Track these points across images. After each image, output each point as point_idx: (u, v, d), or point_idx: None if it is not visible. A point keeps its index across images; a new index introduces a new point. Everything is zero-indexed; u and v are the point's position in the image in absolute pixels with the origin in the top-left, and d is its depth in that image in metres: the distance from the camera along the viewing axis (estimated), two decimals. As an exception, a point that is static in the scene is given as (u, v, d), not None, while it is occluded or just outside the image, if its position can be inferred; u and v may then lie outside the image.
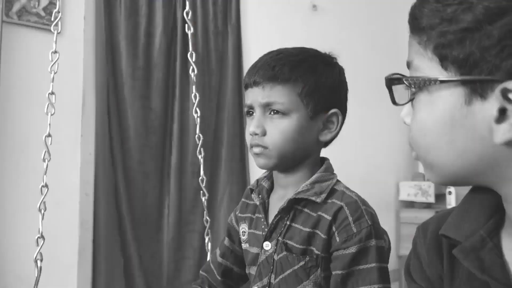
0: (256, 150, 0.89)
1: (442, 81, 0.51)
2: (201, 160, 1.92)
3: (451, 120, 0.52)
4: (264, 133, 0.88)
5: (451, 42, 0.50)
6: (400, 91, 0.56)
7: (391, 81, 0.56)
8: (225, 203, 2.83)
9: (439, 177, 0.55)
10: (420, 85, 0.53)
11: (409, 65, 0.56)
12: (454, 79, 0.51)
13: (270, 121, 0.88)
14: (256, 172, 2.82)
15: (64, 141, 2.37)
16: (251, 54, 2.88)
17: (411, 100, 0.56)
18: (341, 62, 0.95)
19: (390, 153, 3.41)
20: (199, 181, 1.91)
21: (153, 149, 2.68)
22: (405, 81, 0.55)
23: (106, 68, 2.57)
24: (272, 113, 0.88)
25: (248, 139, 0.91)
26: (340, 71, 0.93)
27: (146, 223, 2.67)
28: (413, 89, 0.55)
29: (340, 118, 0.91)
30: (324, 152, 0.96)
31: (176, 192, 2.70)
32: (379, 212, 0.89)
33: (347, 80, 0.95)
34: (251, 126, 0.88)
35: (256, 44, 2.94)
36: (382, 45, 3.42)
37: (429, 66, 0.53)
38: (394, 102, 0.57)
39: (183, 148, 2.74)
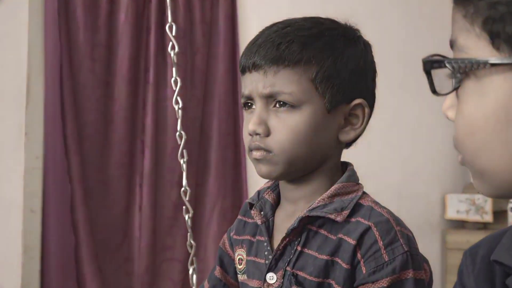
0: (257, 154, 0.90)
1: (493, 64, 0.52)
2: (184, 166, 1.92)
3: (506, 114, 0.52)
4: (267, 133, 0.89)
5: (504, 16, 0.51)
6: (442, 77, 0.57)
7: (430, 64, 0.56)
8: (215, 222, 2.84)
9: (491, 188, 0.56)
10: (466, 69, 0.54)
11: (452, 44, 0.57)
12: (509, 61, 0.51)
13: (275, 117, 0.89)
14: (256, 181, 2.71)
15: (3, 141, 2.37)
16: (249, 26, 2.89)
17: (456, 89, 0.57)
18: (368, 36, 0.95)
19: (434, 157, 3.39)
20: (181, 193, 1.91)
21: (118, 151, 2.69)
22: (447, 65, 0.55)
23: (57, 45, 2.58)
24: (277, 105, 0.89)
25: (247, 140, 0.91)
26: (366, 48, 0.94)
27: (110, 249, 2.68)
28: (458, 75, 0.55)
29: (366, 110, 0.91)
30: (345, 156, 0.96)
31: (149, 208, 2.72)
32: (420, 235, 0.91)
33: (376, 60, 0.95)
34: (250, 123, 0.89)
35: (257, 13, 2.94)
36: (423, 14, 3.41)
37: (477, 46, 0.54)
38: (434, 91, 0.58)
39: (159, 150, 2.75)
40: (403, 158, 3.34)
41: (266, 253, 0.93)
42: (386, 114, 2.88)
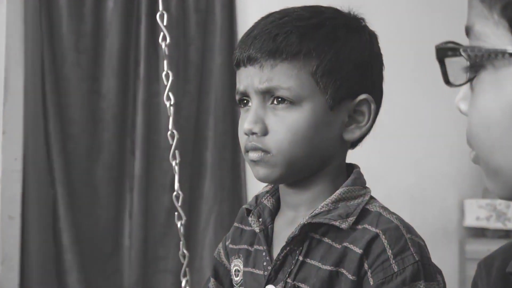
0: (254, 155, 0.90)
1: None
2: (176, 168, 1.92)
3: None
4: (264, 132, 0.89)
5: None
6: (456, 67, 0.57)
7: (444, 52, 0.57)
8: (212, 229, 2.84)
9: (507, 188, 0.56)
10: (483, 58, 0.54)
11: (468, 31, 0.57)
12: None
13: (272, 114, 0.89)
14: (256, 185, 2.69)
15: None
16: (249, 15, 2.86)
17: (471, 79, 0.57)
18: (376, 25, 0.96)
19: (451, 158, 3.36)
20: (173, 198, 1.91)
21: (106, 152, 2.68)
22: (462, 53, 0.55)
23: (39, 35, 2.57)
24: (275, 102, 0.90)
25: (242, 140, 0.92)
26: (371, 39, 0.95)
27: (97, 259, 2.67)
28: (474, 65, 0.55)
29: (372, 107, 0.92)
30: (352, 157, 0.97)
31: (140, 214, 2.70)
32: (435, 244, 0.92)
33: (386, 52, 0.96)
34: (245, 121, 0.90)
35: (257, 0, 2.94)
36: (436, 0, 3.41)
37: (495, 34, 0.54)
38: (447, 81, 0.58)
39: (151, 151, 2.74)
40: (416, 159, 3.30)
41: (265, 263, 0.93)
42: (396, 110, 2.87)
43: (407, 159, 3.28)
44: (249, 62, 0.89)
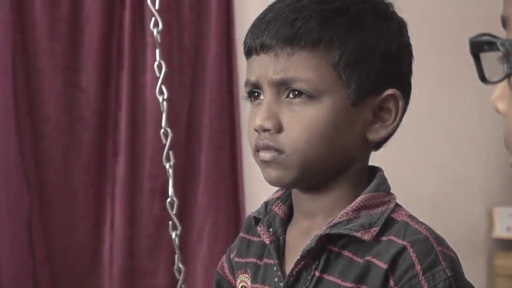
0: (266, 156, 0.91)
1: None
2: (170, 171, 1.93)
3: None
4: (278, 129, 0.90)
5: None
6: (492, 61, 0.57)
7: (479, 46, 0.57)
8: (206, 241, 2.83)
9: None
10: None
11: (505, 22, 0.58)
12: None
13: (288, 109, 0.90)
14: (255, 190, 2.76)
15: None
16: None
17: (508, 76, 0.57)
18: (403, 13, 0.96)
19: (479, 161, 3.36)
20: (167, 205, 1.92)
21: (86, 153, 2.67)
22: (500, 46, 0.55)
23: (8, 21, 2.54)
24: (291, 95, 0.90)
25: (252, 138, 0.93)
26: (400, 27, 0.95)
27: (75, 275, 2.65)
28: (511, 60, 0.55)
29: (400, 103, 0.93)
30: (373, 159, 0.98)
31: (124, 224, 2.70)
32: (461, 257, 0.91)
33: (413, 42, 0.96)
34: (257, 117, 0.90)
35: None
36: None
37: None
38: (482, 78, 0.58)
39: (136, 152, 2.73)
40: (439, 163, 3.29)
41: (276, 279, 0.94)
42: (417, 107, 2.65)
43: (429, 161, 3.26)
44: (263, 50, 0.90)
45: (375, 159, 1.00)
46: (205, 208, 2.83)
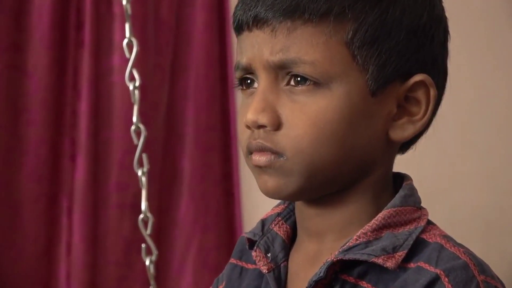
0: (261, 159, 0.89)
1: None
2: (143, 180, 1.97)
3: None
4: (277, 125, 0.88)
5: None
6: None
7: None
8: (190, 269, 2.72)
9: None
10: None
11: None
12: None
13: (288, 100, 0.88)
14: (255, 203, 2.66)
15: None
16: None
17: None
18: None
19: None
20: (139, 223, 1.95)
21: (33, 156, 2.53)
22: None
23: None
24: (292, 82, 0.88)
25: (244, 136, 0.93)
26: None
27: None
28: None
29: (432, 92, 0.90)
30: (398, 164, 0.98)
31: (85, 248, 2.55)
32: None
33: (449, 17, 0.97)
34: (249, 109, 0.89)
35: None
36: None
37: None
38: None
39: (99, 155, 2.59)
40: (490, 170, 3.20)
41: None
42: (462, 101, 2.80)
43: (478, 169, 3.16)
44: (256, 24, 0.88)
45: (407, 164, 1.02)
46: (189, 227, 2.75)
